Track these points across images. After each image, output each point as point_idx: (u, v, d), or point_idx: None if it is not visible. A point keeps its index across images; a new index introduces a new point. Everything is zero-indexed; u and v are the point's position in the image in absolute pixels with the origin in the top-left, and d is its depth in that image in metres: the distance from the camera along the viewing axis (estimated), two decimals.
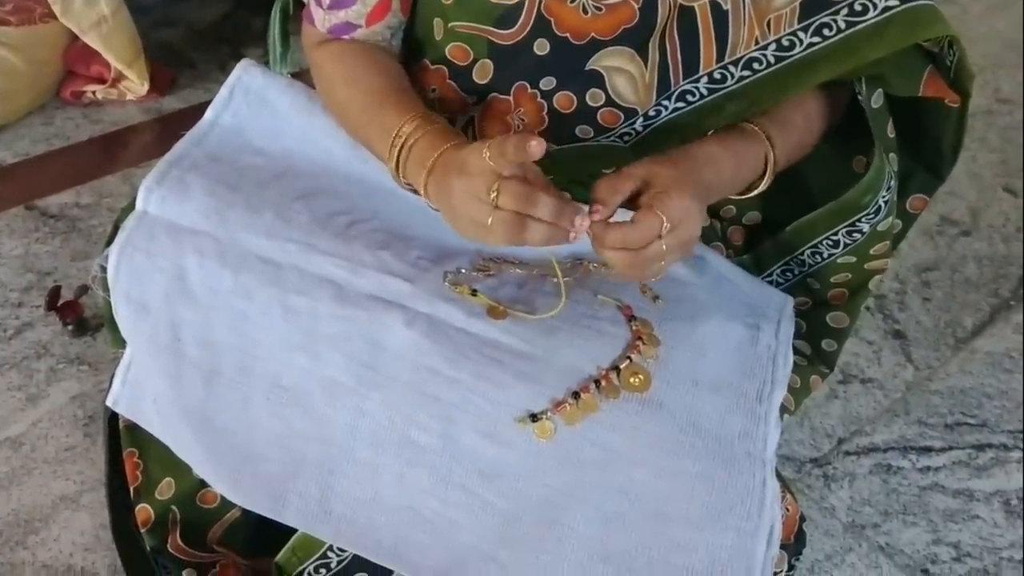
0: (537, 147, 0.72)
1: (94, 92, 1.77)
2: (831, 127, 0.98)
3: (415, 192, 0.88)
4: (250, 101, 1.01)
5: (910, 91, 0.92)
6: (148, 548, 0.97)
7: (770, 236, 1.02)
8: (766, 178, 0.93)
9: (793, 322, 0.97)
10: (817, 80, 0.89)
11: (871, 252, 0.98)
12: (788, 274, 1.04)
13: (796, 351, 1.02)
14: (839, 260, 0.99)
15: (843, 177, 1.01)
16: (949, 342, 1.49)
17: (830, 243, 0.98)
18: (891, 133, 0.94)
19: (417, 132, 0.85)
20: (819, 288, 1.03)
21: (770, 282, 1.04)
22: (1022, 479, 1.29)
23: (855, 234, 0.96)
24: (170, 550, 0.96)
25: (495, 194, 0.75)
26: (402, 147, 0.86)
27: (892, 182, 0.93)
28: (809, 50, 0.87)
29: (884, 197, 0.93)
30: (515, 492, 0.83)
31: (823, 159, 1.00)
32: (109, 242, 0.92)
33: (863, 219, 0.95)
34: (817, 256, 1.00)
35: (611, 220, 0.80)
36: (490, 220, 0.75)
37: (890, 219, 0.96)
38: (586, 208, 0.78)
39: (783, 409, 0.97)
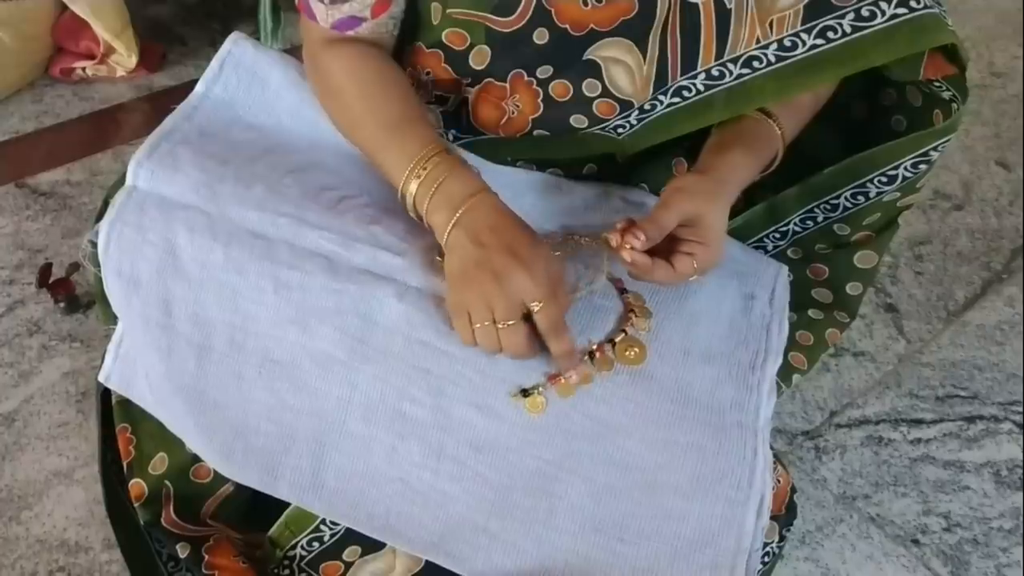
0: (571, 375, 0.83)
1: (84, 69, 1.75)
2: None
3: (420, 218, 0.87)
4: (241, 75, 1.01)
5: (910, 77, 0.91)
6: (142, 523, 0.97)
7: (773, 191, 1.00)
8: (775, 164, 0.93)
9: (788, 290, 0.97)
10: (820, 82, 0.88)
11: (917, 185, 0.95)
12: (809, 222, 1.01)
13: (813, 303, 1.02)
14: (885, 199, 0.96)
15: (841, 125, 1.01)
16: (941, 315, 1.50)
17: (884, 179, 0.94)
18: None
19: (442, 171, 0.84)
20: (847, 233, 1.00)
21: (785, 231, 1.02)
22: (1021, 450, 1.30)
23: (921, 165, 0.93)
24: (164, 524, 0.96)
25: (504, 327, 0.80)
26: (423, 180, 0.85)
27: None
28: (812, 52, 0.85)
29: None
30: (507, 464, 0.83)
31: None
32: (99, 217, 0.92)
33: (940, 147, 0.92)
34: (860, 197, 0.96)
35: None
36: (503, 324, 0.80)
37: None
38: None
39: (794, 370, 0.97)
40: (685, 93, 0.90)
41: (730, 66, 0.88)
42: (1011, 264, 1.59)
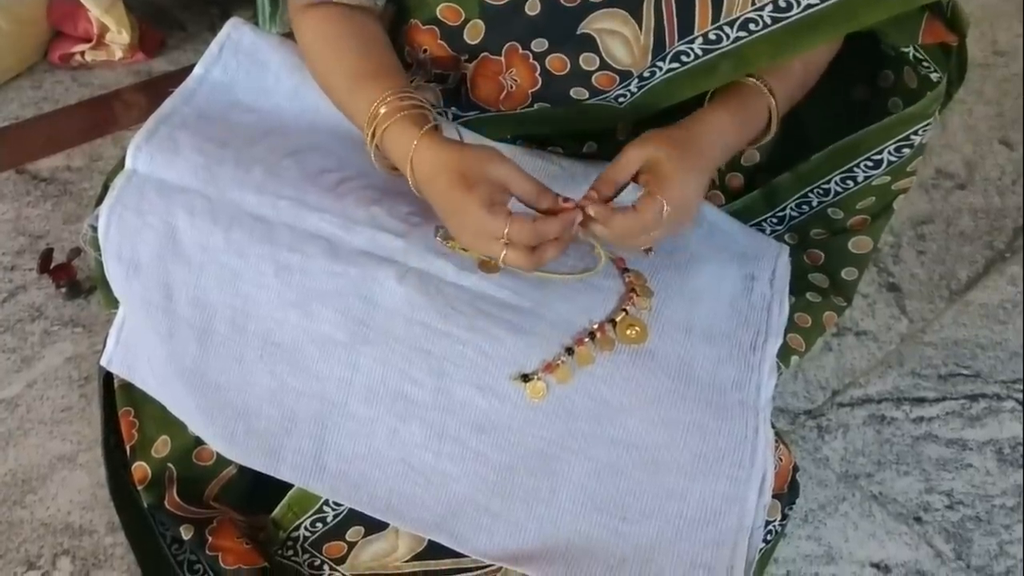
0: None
1: (82, 54, 1.75)
2: (830, 60, 0.97)
3: (395, 172, 0.87)
4: (240, 59, 1.01)
5: (908, 42, 0.91)
6: (145, 506, 0.98)
7: (771, 174, 1.01)
8: (772, 129, 0.92)
9: (789, 270, 0.97)
10: (815, 43, 0.88)
11: (907, 169, 0.96)
12: (804, 207, 1.02)
13: (810, 286, 1.03)
14: (874, 183, 0.97)
15: (842, 106, 1.01)
16: (943, 294, 1.50)
17: (870, 164, 0.95)
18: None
19: (390, 117, 0.84)
20: (841, 217, 1.01)
21: (782, 216, 1.03)
22: (1023, 428, 1.30)
23: (904, 149, 0.93)
24: (167, 507, 0.97)
25: (506, 233, 0.78)
26: (375, 130, 0.85)
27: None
28: (807, 12, 0.85)
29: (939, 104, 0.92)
30: (508, 444, 0.83)
31: (818, 91, 0.98)
32: (99, 202, 0.92)
33: (920, 130, 0.92)
34: (849, 181, 0.97)
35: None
36: (503, 258, 0.80)
37: (930, 130, 0.95)
38: (579, 214, 0.82)
39: (792, 351, 0.98)
40: (684, 58, 0.90)
41: (727, 29, 0.88)
42: (1014, 243, 1.59)
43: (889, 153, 0.94)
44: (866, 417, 1.31)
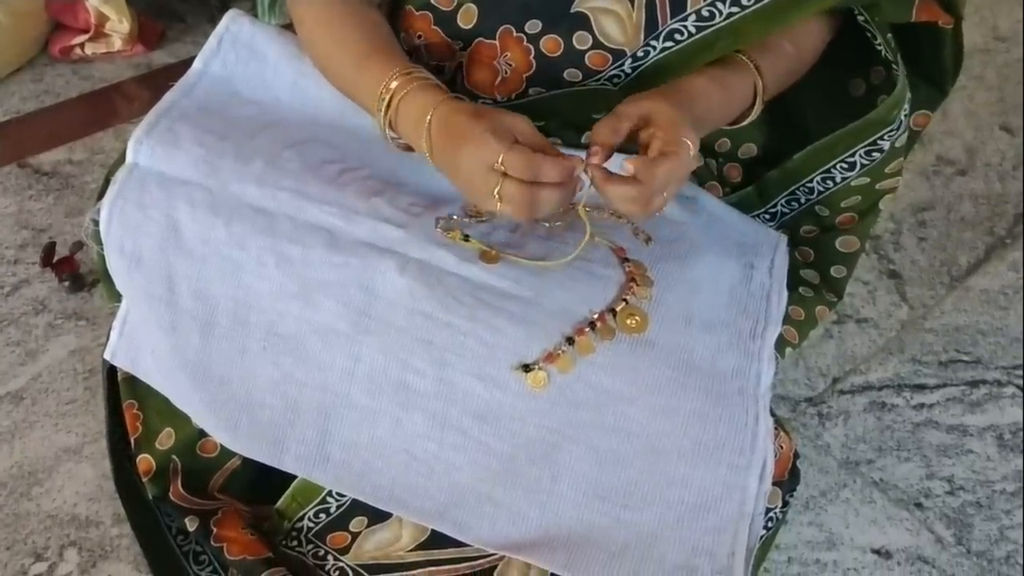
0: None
1: (82, 47, 1.75)
2: (823, 49, 0.97)
3: (408, 149, 0.88)
4: (239, 51, 1.01)
5: (902, 18, 0.91)
6: (151, 497, 0.99)
7: (769, 167, 1.02)
8: (756, 106, 0.92)
9: (787, 259, 0.97)
10: (806, 14, 0.88)
11: (886, 171, 0.97)
12: (794, 203, 1.03)
13: (802, 281, 1.03)
14: (853, 183, 0.98)
15: (839, 101, 1.01)
16: (944, 280, 1.50)
17: (845, 166, 0.97)
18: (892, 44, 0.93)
19: (404, 88, 0.84)
20: (828, 215, 1.02)
21: (774, 212, 1.04)
22: (1022, 413, 1.31)
23: (874, 153, 0.95)
24: (172, 499, 0.98)
25: (502, 162, 0.76)
26: (389, 103, 0.85)
27: (908, 94, 0.93)
28: None
29: (906, 110, 0.93)
30: (510, 433, 0.84)
31: (816, 85, 0.99)
32: (101, 195, 0.92)
33: (886, 136, 0.93)
34: (829, 181, 0.99)
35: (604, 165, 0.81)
36: (498, 192, 0.77)
37: (905, 134, 0.96)
38: (581, 162, 0.80)
39: (786, 343, 0.98)
40: (677, 36, 0.90)
41: (719, 5, 0.88)
42: (1015, 229, 1.59)
43: (860, 156, 0.95)
44: (867, 404, 1.31)
